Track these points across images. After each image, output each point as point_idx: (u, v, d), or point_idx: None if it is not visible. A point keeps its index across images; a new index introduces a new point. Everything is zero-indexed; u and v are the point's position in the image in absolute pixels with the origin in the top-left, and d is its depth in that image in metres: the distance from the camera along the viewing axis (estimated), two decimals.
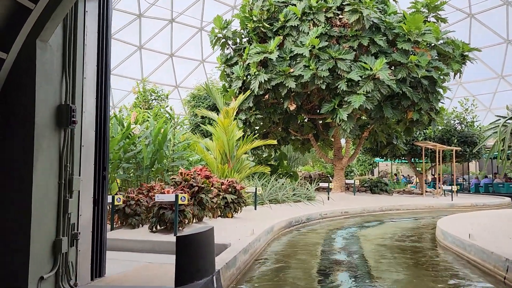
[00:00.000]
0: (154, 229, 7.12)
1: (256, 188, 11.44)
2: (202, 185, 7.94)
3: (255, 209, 11.36)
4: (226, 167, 10.92)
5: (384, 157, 23.22)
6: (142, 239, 6.62)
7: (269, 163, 20.88)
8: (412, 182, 30.20)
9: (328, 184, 15.87)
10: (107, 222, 8.02)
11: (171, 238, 6.80)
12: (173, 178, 7.89)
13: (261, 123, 17.68)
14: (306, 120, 19.76)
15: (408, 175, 36.50)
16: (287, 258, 6.57)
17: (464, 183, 29.82)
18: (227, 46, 16.38)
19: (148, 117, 10.79)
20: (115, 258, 6.02)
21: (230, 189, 9.63)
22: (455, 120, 22.58)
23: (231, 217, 9.50)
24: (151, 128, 9.46)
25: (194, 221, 8.26)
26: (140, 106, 18.48)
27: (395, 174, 34.73)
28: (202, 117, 19.44)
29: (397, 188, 24.57)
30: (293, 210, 11.78)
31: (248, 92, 12.24)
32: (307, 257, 6.65)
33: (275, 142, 11.86)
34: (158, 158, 9.08)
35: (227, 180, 9.73)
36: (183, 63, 37.45)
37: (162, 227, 7.20)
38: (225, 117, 10.93)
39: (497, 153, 9.47)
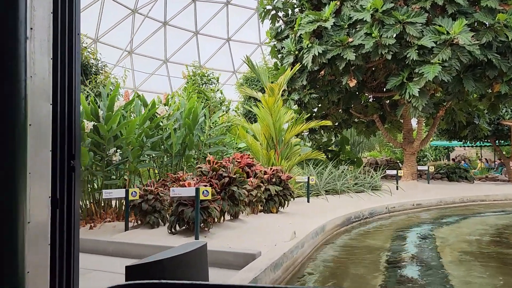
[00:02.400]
0: (173, 229, 5.80)
1: (308, 177, 9.83)
2: (235, 176, 6.50)
3: (308, 201, 9.77)
4: (272, 153, 9.40)
5: (463, 140, 20.33)
6: (154, 243, 5.31)
7: (329, 148, 19.08)
8: (476, 168, 26.60)
9: (397, 171, 13.82)
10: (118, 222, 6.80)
11: (192, 241, 5.46)
12: (199, 167, 6.52)
13: (319, 104, 15.90)
14: (370, 100, 17.63)
15: (469, 159, 32.36)
16: (338, 274, 4.94)
17: None
18: (278, 19, 14.71)
19: (182, 97, 9.52)
20: (115, 270, 4.78)
21: (274, 179, 8.12)
22: None
23: (276, 212, 7.99)
24: (182, 110, 8.16)
25: (228, 218, 6.88)
26: (190, 90, 17.42)
27: (453, 159, 30.88)
28: (256, 100, 17.99)
29: (478, 175, 21.64)
30: (354, 203, 10.02)
31: (297, 66, 10.55)
32: (366, 272, 4.98)
33: (329, 123, 10.13)
34: (188, 144, 7.76)
35: (271, 169, 8.21)
36: (240, 47, 36.19)
37: (183, 227, 5.87)
38: (269, 95, 9.37)
39: None
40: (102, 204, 7.10)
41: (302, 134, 18.24)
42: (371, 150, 28.55)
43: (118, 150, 6.94)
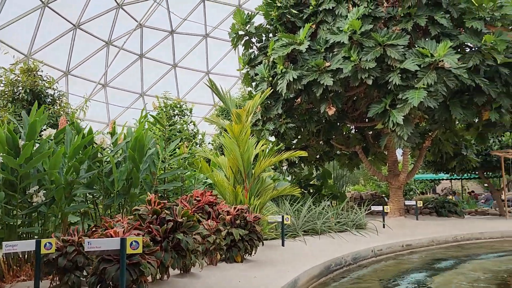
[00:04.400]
0: None
1: (283, 217, 8.53)
2: (181, 219, 5.18)
3: (283, 245, 8.42)
4: (239, 189, 8.12)
5: (451, 172, 19.37)
6: None
7: (310, 183, 17.87)
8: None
9: (383, 207, 12.60)
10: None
11: None
12: (135, 210, 5.19)
13: (297, 135, 14.80)
14: (353, 131, 16.63)
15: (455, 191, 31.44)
16: None
17: None
18: (251, 45, 13.77)
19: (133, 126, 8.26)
20: None
21: (239, 221, 6.81)
22: None
23: (241, 261, 6.63)
24: (128, 139, 6.89)
25: (177, 272, 5.51)
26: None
27: (449, 191, 29.58)
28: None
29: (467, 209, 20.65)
30: (335, 245, 8.72)
31: (268, 91, 9.45)
32: None
33: (305, 153, 8.95)
34: (133, 180, 6.45)
35: (235, 208, 6.92)
36: (220, 80, 35.39)
37: None
38: (236, 122, 8.18)
39: None
40: (20, 258, 5.67)
41: (282, 167, 17.06)
42: (355, 184, 27.45)
43: (41, 189, 5.59)
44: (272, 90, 11.55)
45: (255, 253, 6.98)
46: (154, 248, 4.67)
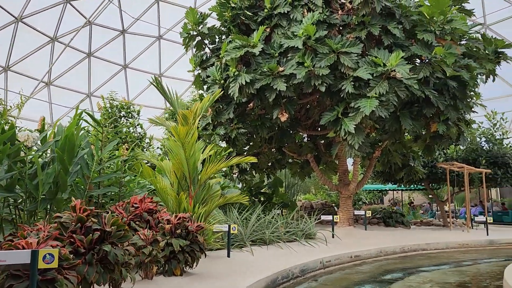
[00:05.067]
0: None
1: (229, 226, 8.06)
2: (110, 229, 4.58)
3: (228, 256, 7.94)
4: (183, 196, 7.55)
5: (398, 183, 19.71)
6: None
7: (261, 191, 17.51)
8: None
9: (333, 217, 12.42)
10: None
11: None
12: (57, 217, 4.53)
13: (249, 141, 14.41)
14: (305, 139, 16.49)
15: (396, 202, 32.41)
16: None
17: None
18: (204, 46, 13.28)
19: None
20: None
21: (180, 230, 6.26)
22: (481, 138, 19.18)
23: (180, 274, 6.07)
24: (58, 137, 6.18)
25: None
26: (106, 124, 15.23)
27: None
28: None
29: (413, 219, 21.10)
30: (283, 256, 8.34)
31: (218, 92, 8.91)
32: None
33: (254, 159, 8.51)
34: (60, 183, 5.75)
35: (176, 217, 6.36)
36: (173, 84, 34.41)
37: None
38: (182, 124, 7.64)
39: None
40: None
41: (232, 174, 16.59)
42: (306, 193, 27.45)
43: None
44: (223, 93, 11.12)
45: (196, 265, 6.44)
46: (75, 262, 4.04)
